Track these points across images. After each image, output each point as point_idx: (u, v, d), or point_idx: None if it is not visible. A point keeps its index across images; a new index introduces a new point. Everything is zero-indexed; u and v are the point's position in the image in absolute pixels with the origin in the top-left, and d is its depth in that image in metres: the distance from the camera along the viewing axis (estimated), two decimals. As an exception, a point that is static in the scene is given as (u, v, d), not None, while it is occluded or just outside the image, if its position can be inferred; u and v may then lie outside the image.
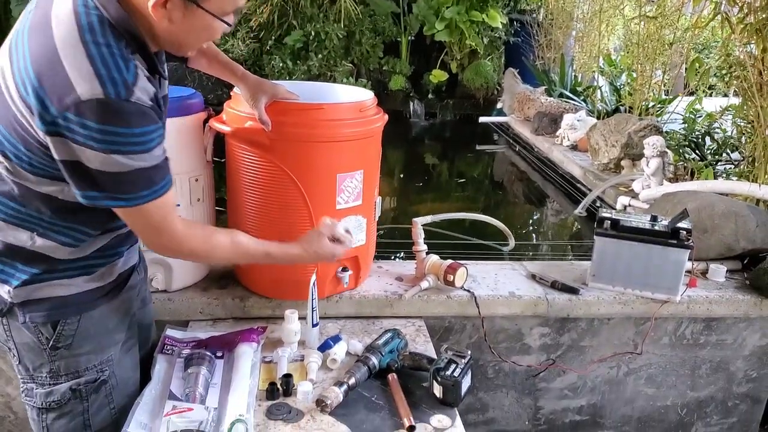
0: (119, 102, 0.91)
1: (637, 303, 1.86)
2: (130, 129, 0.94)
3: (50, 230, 1.07)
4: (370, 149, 1.73)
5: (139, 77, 0.96)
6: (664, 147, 2.92)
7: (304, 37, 5.83)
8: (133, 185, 0.99)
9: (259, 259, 1.30)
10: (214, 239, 1.18)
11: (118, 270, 1.22)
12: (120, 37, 0.95)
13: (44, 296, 1.10)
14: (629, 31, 4.78)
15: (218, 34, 1.05)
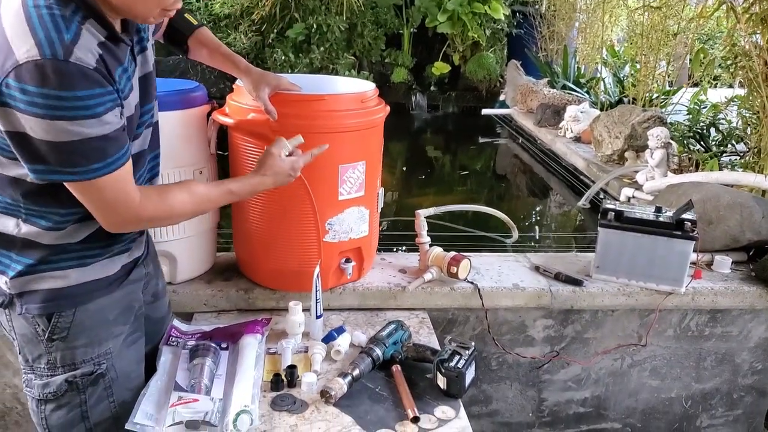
0: (56, 62, 0.86)
1: (642, 294, 1.86)
2: (72, 92, 0.88)
3: (30, 215, 1.05)
4: (372, 140, 1.72)
5: (82, 37, 0.91)
6: (668, 138, 2.91)
7: (306, 30, 5.82)
8: (83, 157, 0.93)
9: (223, 199, 1.24)
10: (172, 198, 1.12)
11: (121, 262, 1.20)
12: (66, 1, 0.91)
13: (39, 288, 1.08)
14: (633, 21, 4.75)
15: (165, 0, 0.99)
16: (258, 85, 1.48)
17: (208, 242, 1.83)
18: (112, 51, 0.97)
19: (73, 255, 1.10)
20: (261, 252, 1.73)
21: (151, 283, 1.35)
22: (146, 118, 1.15)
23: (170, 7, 1.02)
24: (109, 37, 0.97)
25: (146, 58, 1.14)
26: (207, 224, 1.79)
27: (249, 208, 1.69)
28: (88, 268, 1.13)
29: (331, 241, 1.69)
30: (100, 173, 0.96)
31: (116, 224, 1.08)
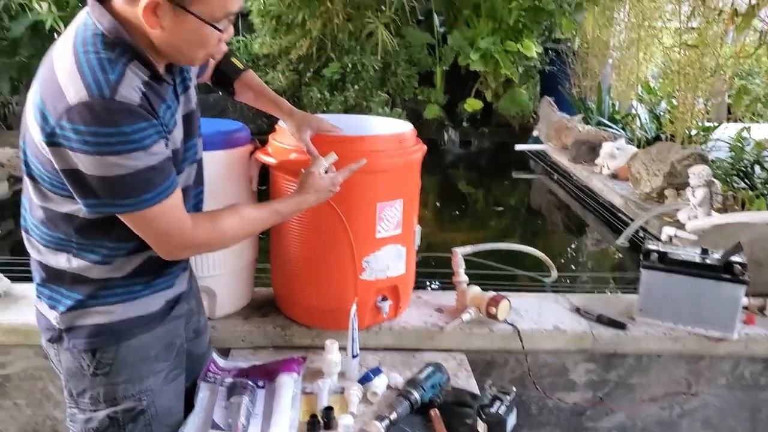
0: (103, 101, 0.92)
1: (689, 340, 1.78)
2: (118, 128, 0.93)
3: (81, 250, 1.08)
4: (410, 179, 1.73)
5: (126, 77, 0.95)
6: (710, 176, 2.84)
7: (341, 69, 5.95)
8: (133, 189, 0.97)
9: (270, 220, 1.27)
10: (222, 223, 1.15)
11: (165, 298, 1.21)
12: (113, 46, 0.96)
13: (86, 323, 1.11)
14: (669, 59, 4.71)
15: (213, 42, 1.03)
16: (300, 127, 1.51)
17: (246, 278, 1.85)
18: (155, 89, 1.01)
19: (119, 290, 1.12)
20: (298, 288, 1.73)
21: (193, 319, 1.36)
22: (190, 154, 1.18)
23: (215, 53, 1.06)
24: (152, 77, 1.01)
25: (189, 98, 1.17)
26: (246, 260, 1.80)
27: (287, 244, 1.70)
28: (133, 303, 1.14)
29: (368, 279, 1.68)
30: (151, 203, 1.00)
31: (171, 251, 1.11)
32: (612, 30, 5.97)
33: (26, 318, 1.76)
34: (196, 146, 1.22)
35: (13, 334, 1.75)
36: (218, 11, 0.99)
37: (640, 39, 4.95)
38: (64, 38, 1.00)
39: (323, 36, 6.00)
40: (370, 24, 5.98)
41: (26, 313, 1.79)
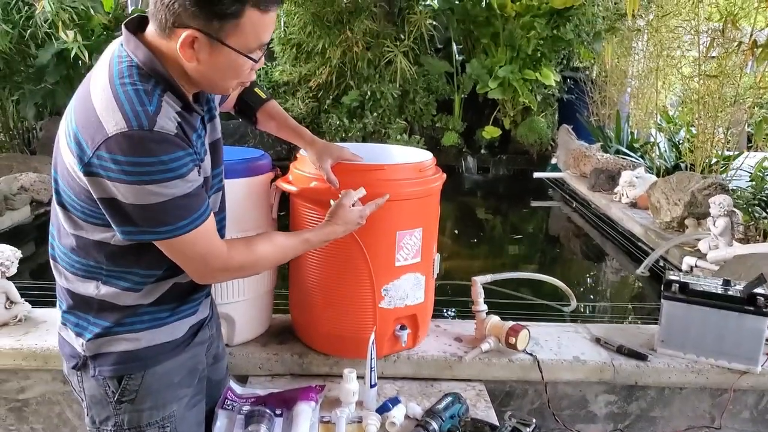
0: (142, 132, 0.94)
1: (713, 372, 1.75)
2: (157, 157, 0.95)
3: (111, 277, 1.09)
4: (430, 207, 1.74)
5: (163, 108, 0.98)
6: (731, 206, 2.81)
7: (360, 97, 6.03)
8: (171, 216, 1.00)
9: (301, 248, 1.32)
10: (256, 248, 1.18)
11: (189, 324, 1.22)
12: (148, 78, 0.99)
13: (112, 350, 1.12)
14: (687, 88, 4.71)
15: (246, 71, 1.06)
16: (321, 156, 1.54)
17: (265, 305, 1.86)
18: (187, 119, 1.04)
19: (146, 317, 1.14)
20: (316, 316, 1.74)
21: (213, 345, 1.37)
22: (216, 182, 1.21)
23: (246, 80, 1.09)
24: (184, 107, 1.04)
25: (215, 126, 1.21)
26: (265, 287, 1.82)
27: (306, 272, 1.72)
28: (159, 330, 1.15)
29: (387, 308, 1.68)
30: (188, 229, 1.02)
31: (206, 275, 1.13)
32: (630, 59, 6.00)
33: (46, 343, 1.78)
34: (220, 174, 1.25)
35: (33, 359, 1.77)
36: (253, 42, 1.01)
37: (658, 68, 4.96)
38: (99, 70, 1.03)
39: (343, 64, 6.10)
40: (389, 52, 6.08)
41: (46, 338, 1.81)
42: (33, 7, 4.85)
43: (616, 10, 6.01)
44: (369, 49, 6.11)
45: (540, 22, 5.85)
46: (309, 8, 6.04)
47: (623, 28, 5.81)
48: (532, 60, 6.17)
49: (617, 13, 5.96)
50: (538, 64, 6.18)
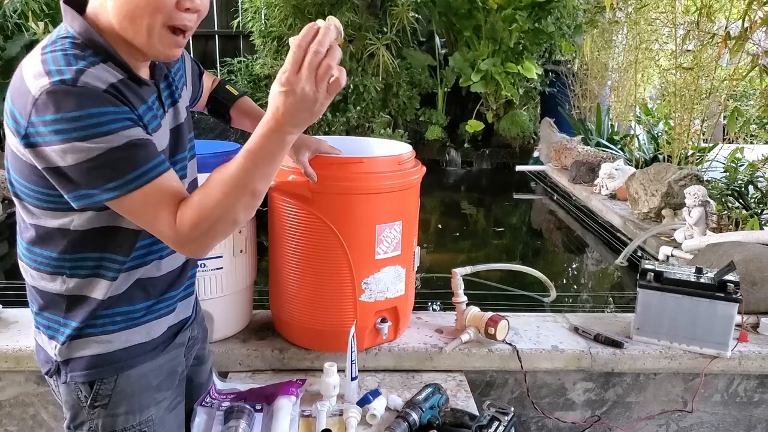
0: (65, 87, 0.87)
1: (685, 358, 1.80)
2: (85, 110, 0.87)
3: (76, 268, 1.03)
4: (409, 200, 1.76)
5: (92, 69, 0.90)
6: (705, 196, 2.86)
7: (343, 90, 6.01)
8: (113, 170, 0.90)
9: (245, 164, 0.92)
10: (202, 196, 0.94)
11: (167, 323, 1.16)
12: (83, 48, 0.93)
13: (83, 354, 1.07)
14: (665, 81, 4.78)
15: (166, 2, 0.92)
16: (298, 149, 1.54)
17: (244, 300, 1.87)
18: (133, 89, 0.97)
19: (119, 318, 1.08)
20: (296, 311, 1.75)
21: (196, 347, 1.31)
22: (178, 168, 1.12)
23: (176, 21, 0.95)
24: (130, 78, 0.97)
25: (178, 111, 1.14)
26: (244, 282, 1.83)
27: (285, 266, 1.73)
28: (133, 330, 1.10)
29: (367, 301, 1.70)
30: (137, 183, 0.91)
31: (175, 238, 0.95)
32: (610, 52, 6.06)
33: (18, 344, 1.76)
34: (184, 161, 1.16)
35: (4, 360, 1.75)
36: None
37: (637, 61, 5.02)
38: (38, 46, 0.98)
39: (325, 58, 6.09)
40: (371, 45, 6.07)
41: (18, 338, 1.79)
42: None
43: (597, 2, 6.06)
44: (351, 42, 6.09)
45: (521, 14, 5.88)
46: (290, 0, 6.01)
47: (603, 21, 5.86)
48: (514, 53, 6.20)
49: (597, 6, 6.01)
50: (520, 57, 6.21)
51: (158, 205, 0.93)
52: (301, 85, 0.84)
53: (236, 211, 0.94)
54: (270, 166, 0.92)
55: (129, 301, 1.09)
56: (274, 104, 0.87)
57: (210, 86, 1.45)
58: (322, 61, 0.83)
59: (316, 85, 0.84)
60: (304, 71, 0.83)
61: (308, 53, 0.83)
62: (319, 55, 0.83)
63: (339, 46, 0.86)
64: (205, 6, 0.98)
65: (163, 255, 1.11)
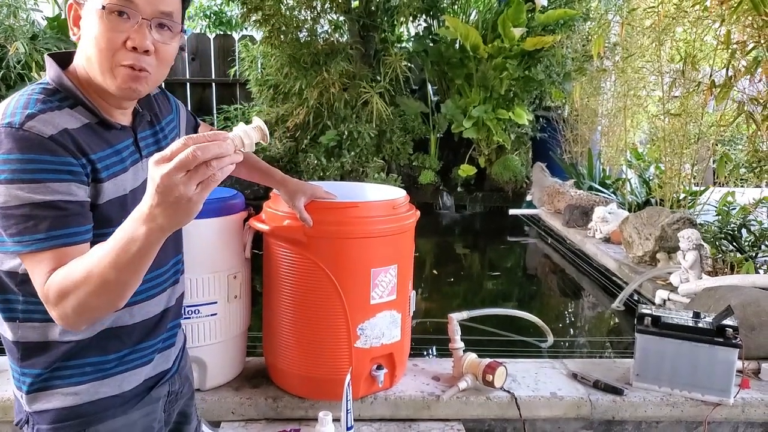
0: (9, 129, 0.86)
1: (687, 405, 1.77)
2: (18, 154, 0.85)
3: (28, 312, 0.97)
4: (404, 244, 1.76)
5: (48, 114, 0.89)
6: (699, 240, 2.88)
7: (337, 136, 6.09)
8: (26, 225, 0.85)
9: (117, 247, 0.80)
10: (73, 264, 0.86)
11: (143, 375, 1.09)
12: (53, 93, 0.94)
13: (49, 407, 1.00)
14: (654, 126, 4.87)
15: (117, 36, 0.92)
16: (294, 195, 1.55)
17: (238, 347, 1.84)
18: (98, 133, 0.96)
19: (88, 368, 1.01)
20: (291, 357, 1.72)
21: (179, 402, 1.21)
22: None
23: (124, 60, 0.94)
24: (99, 123, 0.97)
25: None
26: (238, 328, 1.80)
27: (279, 312, 1.71)
28: (104, 381, 1.03)
29: (363, 347, 1.67)
30: (38, 246, 0.86)
31: (49, 308, 0.87)
32: (600, 98, 6.19)
33: (6, 393, 1.72)
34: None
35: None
36: None
37: (626, 107, 5.13)
38: None
39: (320, 104, 6.18)
40: (365, 93, 6.18)
41: (6, 388, 1.74)
42: (5, 50, 4.86)
43: (585, 51, 6.23)
44: (346, 90, 6.21)
45: (512, 63, 6.03)
46: (285, 50, 6.15)
47: (591, 69, 6.01)
48: (505, 100, 6.33)
49: (585, 55, 6.18)
50: (511, 103, 6.34)
51: (49, 272, 0.87)
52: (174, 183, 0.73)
53: (97, 282, 0.83)
54: (128, 253, 0.79)
55: (101, 350, 1.02)
56: (148, 193, 0.76)
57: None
58: (200, 166, 0.73)
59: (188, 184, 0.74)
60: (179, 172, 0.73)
61: (190, 152, 0.72)
62: (197, 160, 0.73)
63: (263, 141, 0.82)
64: (163, 51, 0.97)
65: (136, 301, 1.03)
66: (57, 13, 5.48)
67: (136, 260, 0.80)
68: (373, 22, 6.46)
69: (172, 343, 1.17)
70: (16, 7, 5.08)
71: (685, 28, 4.19)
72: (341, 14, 6.37)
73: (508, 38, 5.88)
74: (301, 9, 6.27)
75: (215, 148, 0.74)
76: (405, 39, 7.19)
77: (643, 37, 4.74)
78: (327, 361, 1.67)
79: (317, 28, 6.36)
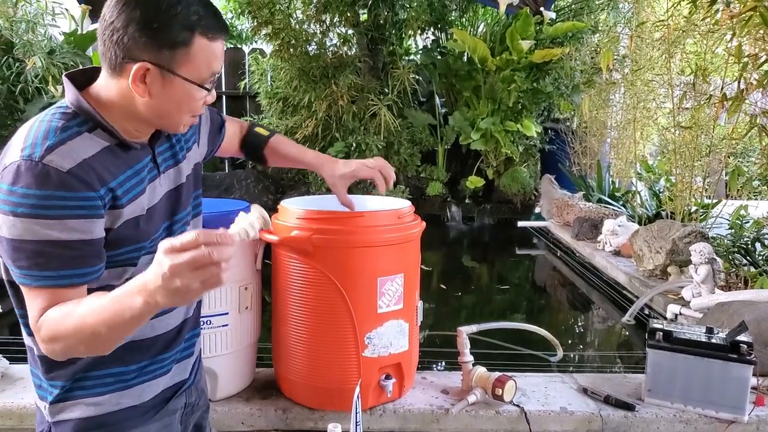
0: (29, 163, 0.88)
1: (701, 422, 1.74)
2: (31, 189, 0.87)
3: None
4: (409, 253, 1.76)
5: (68, 144, 0.91)
6: (712, 254, 2.85)
7: (345, 148, 6.11)
8: (34, 261, 0.88)
9: (106, 307, 0.85)
10: (69, 310, 0.89)
11: (161, 386, 1.11)
12: (72, 116, 0.96)
13: (71, 417, 1.02)
14: (664, 138, 4.85)
15: (199, 103, 1.01)
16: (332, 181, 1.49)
17: (248, 358, 1.84)
18: (118, 155, 0.98)
19: (109, 379, 1.04)
20: (299, 367, 1.72)
21: (195, 414, 1.23)
22: (176, 228, 1.11)
23: (197, 113, 1.04)
24: (118, 145, 0.98)
25: (180, 171, 1.12)
26: (249, 339, 1.80)
27: (288, 323, 1.71)
28: (124, 393, 1.05)
29: (371, 356, 1.67)
30: (40, 283, 0.89)
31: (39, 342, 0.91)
32: (609, 111, 6.18)
33: (22, 401, 1.74)
34: (187, 220, 1.14)
35: (8, 417, 1.72)
36: (205, 71, 0.98)
37: (636, 119, 5.11)
38: None
39: (328, 117, 6.21)
40: (373, 106, 6.21)
41: (23, 395, 1.77)
42: (23, 64, 4.94)
43: (593, 64, 6.24)
44: (354, 103, 6.24)
45: (520, 75, 6.04)
46: (295, 63, 6.19)
47: (600, 81, 6.01)
48: (513, 112, 6.33)
49: (594, 67, 6.18)
50: (519, 115, 6.35)
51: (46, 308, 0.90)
52: (181, 275, 0.76)
53: (88, 334, 0.86)
54: (121, 317, 0.83)
55: (122, 361, 1.04)
56: (153, 273, 0.79)
57: (238, 132, 1.44)
58: (209, 266, 0.76)
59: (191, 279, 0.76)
60: (189, 268, 0.76)
61: (201, 252, 0.75)
62: (210, 260, 0.75)
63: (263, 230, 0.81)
64: None
65: (156, 315, 1.00)
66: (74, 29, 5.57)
67: (127, 324, 0.85)
68: (381, 35, 6.51)
69: (189, 353, 1.19)
70: (34, 22, 5.16)
71: (696, 40, 4.19)
72: (350, 28, 6.42)
73: (516, 51, 5.89)
74: (311, 23, 6.33)
75: (227, 251, 0.77)
76: (413, 52, 7.23)
77: (653, 50, 4.74)
78: (335, 371, 1.66)
79: (326, 42, 6.40)
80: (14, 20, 5.14)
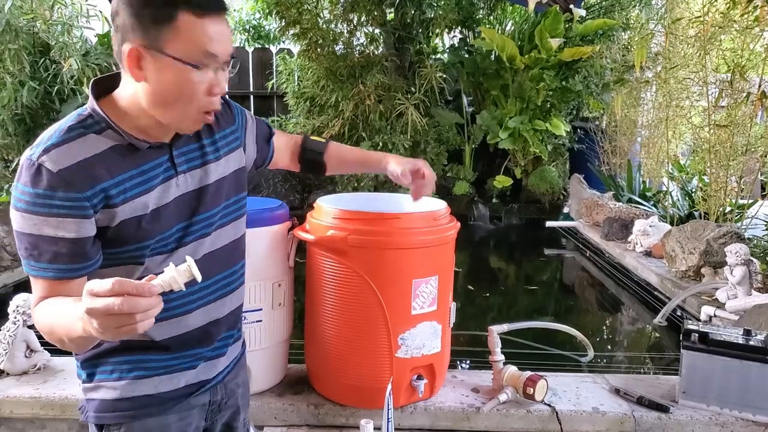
0: (29, 162, 0.94)
1: (738, 425, 1.71)
2: (27, 187, 0.93)
3: None
4: (444, 256, 1.76)
5: (68, 144, 0.95)
6: (748, 255, 2.79)
7: (372, 147, 6.13)
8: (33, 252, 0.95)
9: (54, 318, 0.92)
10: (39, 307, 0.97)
11: (184, 381, 1.10)
12: (85, 118, 0.99)
13: (95, 397, 1.07)
14: (698, 137, 4.75)
15: (201, 87, 0.97)
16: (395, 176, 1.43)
17: (281, 353, 1.86)
18: (124, 155, 0.99)
19: (125, 365, 1.06)
20: (332, 366, 1.73)
21: (224, 413, 1.21)
22: (194, 228, 1.08)
23: (207, 107, 1.00)
24: (129, 145, 0.99)
25: (207, 172, 1.10)
26: (281, 335, 1.83)
27: (322, 321, 1.73)
28: (142, 381, 1.07)
29: (403, 357, 1.68)
30: (42, 273, 0.96)
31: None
32: (640, 109, 6.08)
33: (64, 392, 1.80)
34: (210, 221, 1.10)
35: (50, 408, 1.78)
36: (194, 50, 0.94)
37: (668, 118, 5.02)
38: None
39: (355, 116, 6.24)
40: (400, 105, 6.21)
41: (64, 386, 1.83)
42: (60, 65, 5.08)
43: (624, 62, 6.14)
44: (381, 102, 6.25)
45: (549, 74, 5.98)
46: (322, 63, 6.24)
47: (632, 79, 5.91)
48: (541, 111, 6.27)
49: (625, 65, 6.08)
50: (548, 114, 6.28)
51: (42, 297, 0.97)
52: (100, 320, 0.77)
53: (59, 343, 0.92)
54: (75, 333, 0.85)
55: (142, 350, 1.06)
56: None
57: (292, 143, 1.42)
58: (122, 315, 0.76)
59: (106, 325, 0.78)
60: (102, 314, 0.76)
61: (112, 303, 0.75)
62: (120, 311, 0.76)
63: (191, 281, 0.82)
64: (225, 85, 1.02)
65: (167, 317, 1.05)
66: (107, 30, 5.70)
67: (84, 340, 0.89)
68: (408, 34, 6.51)
69: (222, 353, 1.17)
70: (70, 24, 5.30)
71: (733, 36, 4.09)
72: (377, 27, 6.44)
73: (545, 49, 5.84)
74: (338, 22, 6.36)
75: (141, 303, 0.77)
76: (440, 50, 7.22)
77: (687, 47, 4.64)
78: (368, 370, 1.68)
79: (353, 41, 6.43)
80: (51, 23, 5.28)
